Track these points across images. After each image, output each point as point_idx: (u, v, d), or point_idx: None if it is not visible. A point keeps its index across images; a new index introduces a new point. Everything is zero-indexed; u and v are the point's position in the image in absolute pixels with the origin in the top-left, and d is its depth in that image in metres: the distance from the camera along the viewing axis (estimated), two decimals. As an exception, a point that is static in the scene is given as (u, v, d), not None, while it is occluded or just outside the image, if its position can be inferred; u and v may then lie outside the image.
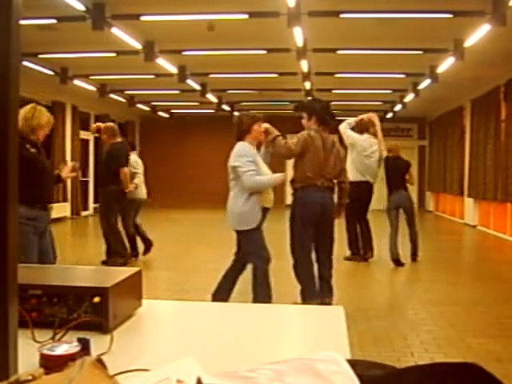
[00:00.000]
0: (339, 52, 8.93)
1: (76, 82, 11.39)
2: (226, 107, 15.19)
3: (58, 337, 1.09)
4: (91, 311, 1.15)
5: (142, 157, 8.45)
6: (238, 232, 4.67)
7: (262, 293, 4.53)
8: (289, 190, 5.24)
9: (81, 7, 6.62)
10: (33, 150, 3.84)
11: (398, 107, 14.77)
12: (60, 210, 13.35)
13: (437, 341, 4.17)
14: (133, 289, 1.33)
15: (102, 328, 1.13)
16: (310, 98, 6.13)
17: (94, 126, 7.60)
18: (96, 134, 7.66)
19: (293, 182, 4.94)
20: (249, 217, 4.47)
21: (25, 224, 3.70)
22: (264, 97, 13.75)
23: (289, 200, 5.43)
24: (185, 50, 9.17)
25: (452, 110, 14.45)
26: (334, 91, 12.96)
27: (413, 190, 17.78)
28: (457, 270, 7.42)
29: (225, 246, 8.15)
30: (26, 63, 9.18)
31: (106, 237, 7.11)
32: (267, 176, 4.57)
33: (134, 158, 7.66)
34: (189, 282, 6.54)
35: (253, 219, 4.47)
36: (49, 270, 1.75)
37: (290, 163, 5.36)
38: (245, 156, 4.41)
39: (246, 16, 7.09)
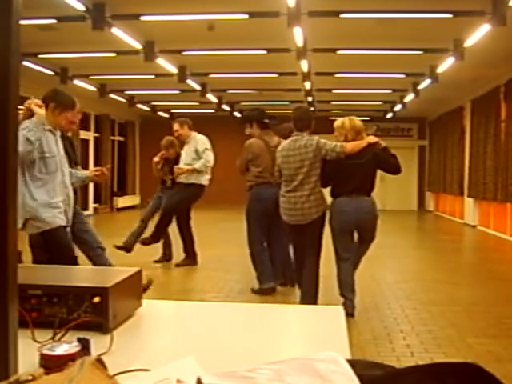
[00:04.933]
0: (339, 52, 8.93)
1: (76, 81, 11.39)
2: (225, 107, 15.19)
3: (57, 337, 1.09)
4: (91, 311, 1.15)
5: (143, 156, 8.37)
6: None
7: None
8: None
9: (81, 7, 6.62)
10: None
11: (398, 107, 14.77)
12: (60, 210, 13.34)
13: (437, 341, 4.17)
14: (133, 289, 1.33)
15: (102, 328, 1.13)
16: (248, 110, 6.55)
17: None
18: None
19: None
20: None
21: None
22: (264, 97, 13.76)
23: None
24: (185, 50, 9.17)
25: (452, 110, 14.46)
26: (333, 91, 12.97)
27: (413, 190, 17.96)
28: (457, 270, 7.42)
29: (224, 246, 8.16)
30: (26, 63, 9.18)
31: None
32: None
33: None
34: (189, 281, 6.55)
35: None
36: (49, 270, 1.75)
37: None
38: None
39: (246, 16, 7.09)
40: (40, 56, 9.33)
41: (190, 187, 6.85)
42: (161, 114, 17.22)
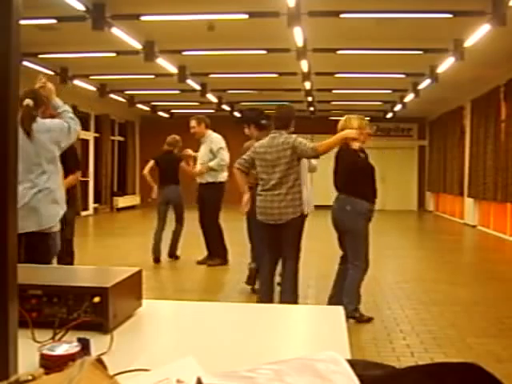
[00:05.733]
0: (339, 52, 8.93)
1: (76, 82, 11.39)
2: (226, 107, 15.19)
3: (57, 337, 1.09)
4: (91, 311, 1.15)
5: (143, 157, 8.36)
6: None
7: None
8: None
9: (81, 7, 6.62)
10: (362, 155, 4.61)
11: (398, 107, 14.77)
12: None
13: (437, 341, 4.17)
14: (133, 289, 1.33)
15: (102, 328, 1.13)
16: (246, 109, 6.29)
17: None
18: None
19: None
20: None
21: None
22: (264, 97, 13.75)
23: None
24: (185, 50, 9.17)
25: (452, 110, 14.45)
26: (333, 91, 12.97)
27: (413, 190, 17.95)
28: (457, 270, 7.43)
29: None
30: (26, 63, 9.18)
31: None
32: None
33: None
34: (189, 281, 6.54)
35: None
36: (49, 270, 1.75)
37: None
38: None
39: (246, 16, 7.09)
40: (40, 56, 9.33)
41: (211, 188, 6.89)
42: (161, 114, 17.21)
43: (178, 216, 7.52)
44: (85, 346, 0.96)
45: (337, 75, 10.84)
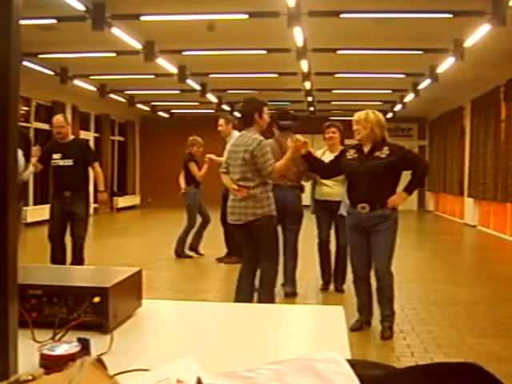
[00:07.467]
0: (339, 52, 8.93)
1: (76, 81, 11.39)
2: (225, 107, 15.19)
3: (57, 337, 1.09)
4: (91, 311, 1.15)
5: (143, 156, 8.39)
6: None
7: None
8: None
9: (81, 7, 6.62)
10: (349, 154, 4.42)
11: (398, 107, 14.77)
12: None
13: (437, 341, 4.17)
14: (133, 289, 1.33)
15: (102, 328, 1.13)
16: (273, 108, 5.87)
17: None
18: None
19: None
20: None
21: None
22: (264, 97, 13.62)
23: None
24: (185, 50, 9.17)
25: (452, 110, 14.45)
26: (333, 91, 12.97)
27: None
28: (457, 270, 7.42)
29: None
30: (26, 63, 9.18)
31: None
32: None
33: None
34: (189, 282, 6.54)
35: None
36: (49, 270, 1.75)
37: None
38: None
39: (246, 16, 7.09)
40: (40, 56, 9.33)
41: None
42: (161, 114, 17.21)
43: (187, 215, 7.77)
44: (85, 346, 0.96)
45: (337, 75, 10.84)
